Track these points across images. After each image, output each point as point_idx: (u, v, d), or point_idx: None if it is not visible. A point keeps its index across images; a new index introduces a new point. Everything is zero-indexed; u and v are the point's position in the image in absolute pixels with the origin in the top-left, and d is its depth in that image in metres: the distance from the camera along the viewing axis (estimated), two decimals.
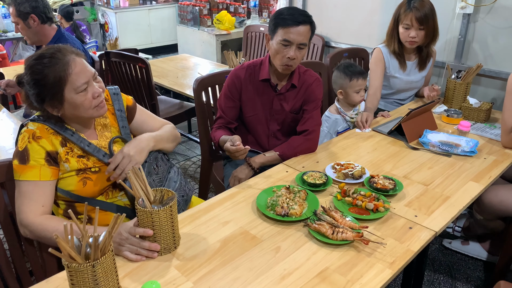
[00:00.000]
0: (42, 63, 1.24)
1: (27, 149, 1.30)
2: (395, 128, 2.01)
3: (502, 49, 2.49)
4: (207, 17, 4.92)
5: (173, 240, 1.21)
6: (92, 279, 0.96)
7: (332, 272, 1.15)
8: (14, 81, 2.62)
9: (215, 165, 2.30)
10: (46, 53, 1.26)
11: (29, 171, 1.29)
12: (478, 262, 2.28)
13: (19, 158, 1.30)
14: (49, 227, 1.25)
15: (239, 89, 1.87)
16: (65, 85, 1.25)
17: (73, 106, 1.29)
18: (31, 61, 1.26)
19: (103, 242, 0.98)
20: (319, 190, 1.54)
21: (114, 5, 6.06)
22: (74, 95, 1.27)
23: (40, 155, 1.30)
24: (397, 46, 2.39)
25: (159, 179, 1.47)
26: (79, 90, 1.27)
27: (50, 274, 1.36)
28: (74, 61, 1.27)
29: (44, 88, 1.24)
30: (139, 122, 1.58)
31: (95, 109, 1.33)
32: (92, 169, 1.39)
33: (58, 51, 1.26)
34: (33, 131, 1.31)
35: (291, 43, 1.70)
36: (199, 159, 3.54)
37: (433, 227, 1.34)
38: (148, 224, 1.16)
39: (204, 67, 3.62)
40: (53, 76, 1.23)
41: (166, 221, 1.17)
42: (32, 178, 1.29)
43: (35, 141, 1.30)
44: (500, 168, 1.74)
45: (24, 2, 2.35)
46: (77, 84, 1.26)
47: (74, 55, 1.28)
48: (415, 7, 2.23)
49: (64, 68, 1.24)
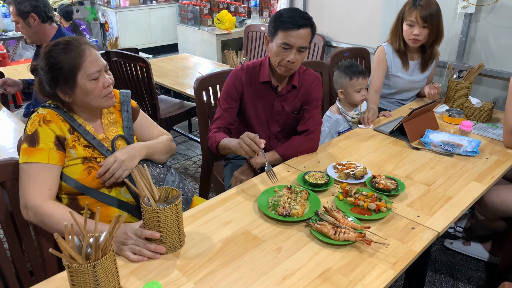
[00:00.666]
0: (59, 49, 1.31)
1: (37, 132, 1.32)
2: (397, 128, 2.00)
3: (504, 49, 2.48)
4: (208, 17, 4.92)
5: (179, 238, 1.21)
6: (93, 279, 0.95)
7: (334, 272, 1.14)
8: (13, 80, 2.64)
9: (216, 165, 2.30)
10: (62, 41, 1.33)
11: (38, 153, 1.30)
12: (480, 262, 2.27)
13: (28, 141, 1.32)
14: (56, 213, 1.26)
15: (239, 91, 1.85)
16: (78, 71, 1.31)
17: (84, 92, 1.34)
18: (48, 47, 1.32)
19: (104, 242, 0.97)
20: (320, 190, 1.53)
21: (115, 5, 6.06)
22: (86, 82, 1.33)
23: (50, 138, 1.33)
24: (401, 44, 2.38)
25: (156, 180, 1.47)
26: (91, 77, 1.33)
27: (51, 274, 1.35)
28: (88, 49, 1.34)
29: (59, 72, 1.30)
30: (139, 126, 1.62)
31: (104, 98, 1.38)
32: (97, 159, 1.40)
33: (74, 40, 1.34)
34: (44, 115, 1.35)
35: (291, 46, 1.68)
36: (199, 159, 3.53)
37: (435, 227, 1.33)
38: (154, 223, 1.16)
39: (204, 66, 3.61)
40: (68, 62, 1.30)
41: (172, 220, 1.17)
42: (41, 160, 1.30)
43: (46, 124, 1.34)
44: (502, 168, 1.73)
45: (25, 1, 2.34)
46: (90, 71, 1.32)
47: (88, 45, 1.35)
48: (421, 5, 2.23)
49: (79, 55, 1.31)
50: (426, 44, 2.35)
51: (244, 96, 1.86)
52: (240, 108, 1.89)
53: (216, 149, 1.78)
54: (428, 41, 2.32)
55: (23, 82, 2.71)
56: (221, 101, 1.88)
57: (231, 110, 1.86)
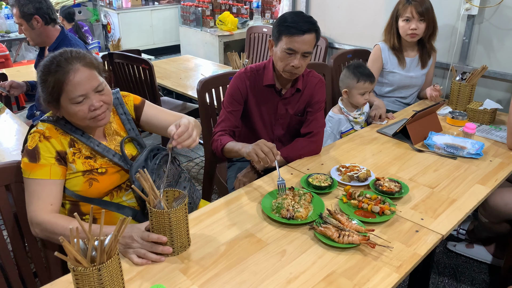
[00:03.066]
0: (51, 66, 1.27)
1: (37, 148, 1.31)
2: (400, 130, 2.00)
3: (507, 51, 2.48)
4: (210, 18, 4.92)
5: (187, 238, 1.23)
6: (98, 282, 0.95)
7: (339, 276, 1.14)
8: (17, 82, 2.64)
9: (219, 167, 2.30)
10: (56, 57, 1.28)
11: (39, 170, 1.30)
12: (483, 265, 2.27)
13: (29, 156, 1.31)
14: (59, 226, 1.26)
15: (244, 94, 1.84)
16: (61, 93, 1.28)
17: (68, 113, 1.32)
18: (46, 61, 1.30)
19: (109, 245, 0.97)
20: (324, 193, 1.53)
21: (117, 6, 6.07)
22: (69, 105, 1.29)
23: (51, 154, 1.32)
24: (396, 41, 2.44)
25: (169, 183, 1.45)
26: (73, 101, 1.28)
27: (55, 275, 1.35)
28: (76, 71, 1.27)
29: (46, 90, 1.29)
30: (149, 117, 1.55)
31: (91, 120, 1.33)
32: (98, 170, 1.39)
33: (66, 58, 1.28)
34: (43, 131, 1.34)
35: (296, 52, 1.67)
36: (201, 160, 3.53)
37: (439, 230, 1.33)
38: (165, 225, 1.16)
39: (206, 68, 3.62)
40: (53, 82, 1.26)
41: (183, 219, 1.18)
42: (42, 177, 1.30)
43: (46, 140, 1.33)
44: (506, 170, 1.72)
45: (28, 3, 2.34)
46: (72, 96, 1.27)
47: (80, 65, 1.28)
48: (415, 0, 2.30)
49: (63, 77, 1.26)
50: (424, 38, 2.41)
51: (248, 99, 1.85)
52: (244, 111, 1.88)
53: (221, 152, 1.77)
54: (426, 34, 2.38)
55: (26, 84, 2.71)
56: (225, 104, 1.87)
57: (235, 112, 1.86)
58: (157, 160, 1.45)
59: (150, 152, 1.47)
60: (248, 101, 1.86)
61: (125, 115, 1.52)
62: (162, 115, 1.57)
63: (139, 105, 1.56)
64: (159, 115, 1.57)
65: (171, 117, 1.55)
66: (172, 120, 1.51)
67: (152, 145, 1.51)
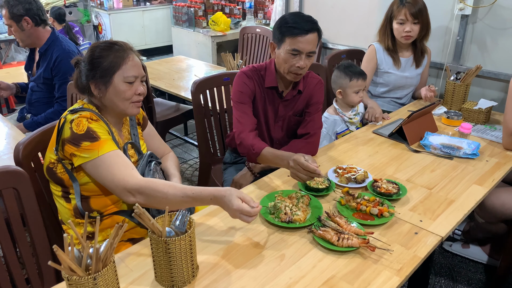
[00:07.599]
0: (105, 46, 1.38)
1: (91, 128, 1.31)
2: (396, 130, 1.99)
3: (501, 50, 2.48)
4: (202, 18, 4.88)
5: (192, 270, 1.11)
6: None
7: (339, 280, 1.12)
8: (6, 83, 2.59)
9: (214, 169, 2.27)
10: (111, 41, 1.41)
11: (106, 144, 1.31)
12: (479, 264, 2.27)
13: (88, 138, 1.30)
14: (158, 182, 1.27)
15: (252, 91, 1.79)
16: (117, 70, 1.36)
17: (116, 92, 1.37)
18: (96, 44, 1.41)
19: (104, 253, 0.94)
20: (321, 195, 1.51)
21: (108, 6, 6.01)
22: (121, 83, 1.37)
23: (104, 131, 1.35)
24: (390, 42, 2.44)
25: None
26: (127, 80, 1.37)
27: (48, 281, 1.32)
28: (133, 57, 1.40)
29: (99, 66, 1.36)
30: (147, 135, 1.65)
31: (131, 104, 1.41)
32: None
33: (123, 44, 1.41)
34: (89, 115, 1.35)
35: (301, 52, 1.66)
36: (195, 162, 3.50)
37: (439, 232, 1.32)
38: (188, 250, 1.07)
39: (199, 68, 3.59)
40: (110, 59, 1.36)
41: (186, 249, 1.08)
42: (112, 149, 1.32)
43: (95, 121, 1.35)
44: (502, 170, 1.72)
45: (17, 4, 2.30)
46: (127, 74, 1.37)
47: (134, 53, 1.42)
48: (408, 2, 2.30)
49: (122, 56, 1.37)
50: (417, 39, 2.42)
51: (256, 98, 1.82)
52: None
53: (254, 155, 1.68)
54: (420, 36, 2.39)
55: (16, 86, 2.66)
56: (237, 102, 1.78)
57: (249, 110, 1.79)
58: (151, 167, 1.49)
59: (150, 157, 1.52)
60: (255, 99, 1.82)
61: (132, 120, 1.57)
62: (157, 140, 1.70)
63: (145, 118, 1.64)
64: (155, 139, 1.69)
65: (162, 146, 1.71)
66: (162, 149, 1.70)
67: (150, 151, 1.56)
